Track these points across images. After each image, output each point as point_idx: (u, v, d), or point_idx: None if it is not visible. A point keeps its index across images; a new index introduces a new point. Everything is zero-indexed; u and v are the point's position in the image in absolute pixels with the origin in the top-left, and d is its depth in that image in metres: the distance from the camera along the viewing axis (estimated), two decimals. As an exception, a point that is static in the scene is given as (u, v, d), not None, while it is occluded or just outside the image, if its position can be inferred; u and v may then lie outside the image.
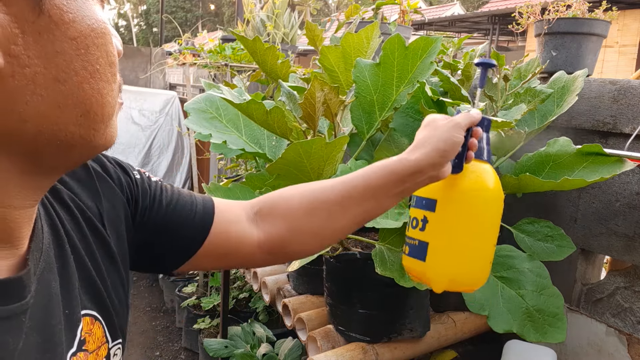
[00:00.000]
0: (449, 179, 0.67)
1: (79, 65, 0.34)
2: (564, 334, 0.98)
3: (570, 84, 1.11)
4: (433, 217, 0.68)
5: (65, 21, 0.33)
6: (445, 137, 0.63)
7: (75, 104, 0.34)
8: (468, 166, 0.68)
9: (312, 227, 0.64)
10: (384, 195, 0.63)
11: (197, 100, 1.12)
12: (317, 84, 0.89)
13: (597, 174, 0.93)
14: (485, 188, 0.68)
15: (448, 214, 0.67)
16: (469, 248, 0.67)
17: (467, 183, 0.67)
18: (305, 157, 0.82)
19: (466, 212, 0.67)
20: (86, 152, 0.39)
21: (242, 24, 3.04)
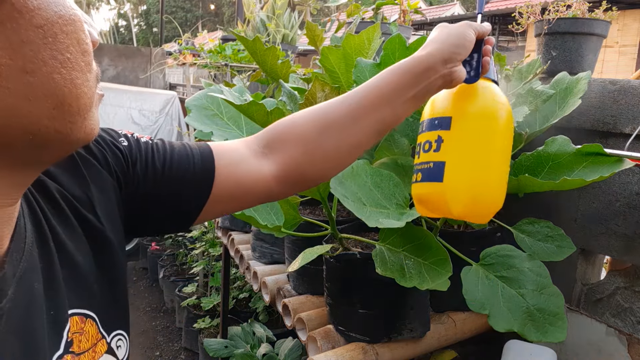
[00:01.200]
0: (462, 94, 0.66)
1: (47, 55, 0.32)
2: (565, 333, 0.98)
3: (573, 85, 1.11)
4: (448, 135, 0.65)
5: (30, 8, 0.31)
6: (457, 32, 0.62)
7: (46, 95, 0.33)
8: (480, 82, 0.67)
9: (328, 146, 0.61)
10: (398, 99, 0.61)
11: (198, 97, 1.13)
12: (318, 85, 0.89)
13: (597, 174, 0.93)
14: (498, 104, 0.66)
15: (465, 130, 0.65)
16: (488, 164, 0.65)
17: (483, 98, 0.66)
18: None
19: (484, 128, 0.65)
20: (65, 147, 0.37)
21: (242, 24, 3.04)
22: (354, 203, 0.87)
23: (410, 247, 0.96)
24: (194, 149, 0.60)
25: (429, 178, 0.67)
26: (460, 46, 0.62)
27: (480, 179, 0.65)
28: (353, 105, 0.61)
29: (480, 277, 1.04)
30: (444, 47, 0.61)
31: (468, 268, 1.05)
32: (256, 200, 0.64)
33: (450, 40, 0.62)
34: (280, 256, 1.53)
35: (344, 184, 0.89)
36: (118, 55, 6.51)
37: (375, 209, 0.90)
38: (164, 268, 3.92)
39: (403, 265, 0.94)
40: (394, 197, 0.97)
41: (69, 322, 0.43)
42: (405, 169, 1.14)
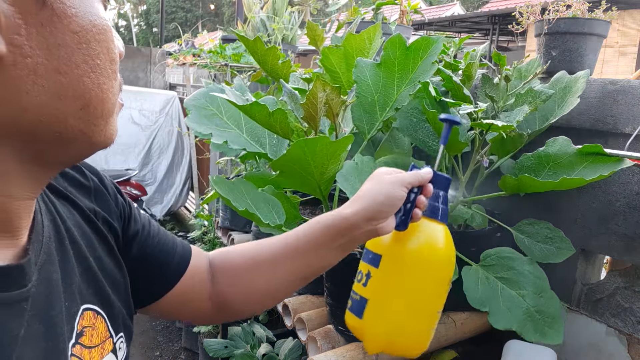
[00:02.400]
0: (396, 235, 0.65)
1: (79, 59, 0.35)
2: (561, 337, 0.98)
3: (572, 84, 1.11)
4: (376, 273, 0.65)
5: (68, 15, 0.33)
6: (385, 191, 0.62)
7: (75, 96, 0.35)
8: (417, 225, 0.65)
9: (257, 285, 0.64)
10: (324, 249, 0.63)
11: (196, 97, 1.12)
12: (319, 85, 0.89)
13: (597, 173, 0.93)
14: (431, 250, 0.64)
15: (390, 272, 0.64)
16: (409, 311, 0.64)
17: (413, 242, 0.64)
18: (309, 155, 0.82)
19: (408, 273, 0.64)
20: (85, 148, 0.39)
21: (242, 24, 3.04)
22: None
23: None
24: (177, 240, 0.64)
25: (353, 310, 0.67)
26: (387, 205, 0.62)
27: (398, 326, 0.64)
28: (279, 250, 0.63)
29: (481, 277, 1.04)
30: (370, 206, 0.62)
31: (468, 268, 1.05)
32: (194, 314, 0.66)
33: (378, 199, 0.62)
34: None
35: (349, 180, 0.89)
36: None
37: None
38: (164, 268, 3.91)
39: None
40: (395, 197, 0.97)
41: (79, 314, 0.45)
42: (406, 169, 1.14)
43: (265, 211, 0.96)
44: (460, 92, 1.08)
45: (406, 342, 0.65)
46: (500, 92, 1.15)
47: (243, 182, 1.00)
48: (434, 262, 0.64)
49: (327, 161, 0.86)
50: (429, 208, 0.66)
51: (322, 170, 0.87)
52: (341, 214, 0.63)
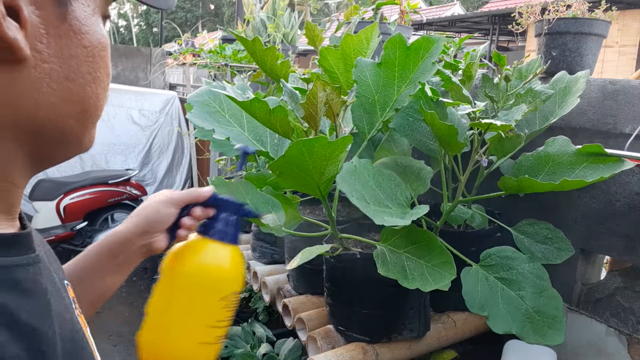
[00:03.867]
0: (173, 254, 0.68)
1: (85, 70, 0.40)
2: (563, 336, 0.98)
3: (572, 84, 1.11)
4: (154, 289, 0.68)
5: (82, 32, 0.39)
6: (155, 208, 0.68)
7: (78, 101, 0.41)
8: (190, 243, 0.68)
9: None
10: (103, 272, 0.67)
11: (200, 93, 1.12)
12: (319, 84, 0.89)
13: (597, 174, 0.93)
14: (194, 269, 0.66)
15: (162, 288, 0.67)
16: (174, 325, 0.66)
17: (180, 260, 0.67)
18: (307, 156, 0.82)
19: (173, 289, 0.67)
20: (75, 149, 0.44)
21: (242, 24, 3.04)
22: (359, 201, 0.87)
23: (412, 249, 0.96)
24: None
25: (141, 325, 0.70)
26: (155, 221, 0.68)
27: (165, 337, 0.67)
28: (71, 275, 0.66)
29: (480, 278, 1.04)
30: (141, 222, 0.68)
31: (468, 269, 1.05)
32: None
33: (148, 216, 0.68)
34: (280, 256, 1.53)
35: (348, 182, 0.89)
36: (118, 55, 6.51)
37: (378, 208, 0.90)
38: (164, 268, 3.91)
39: (405, 266, 0.94)
40: (396, 197, 0.97)
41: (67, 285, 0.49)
42: (406, 169, 1.14)
43: (265, 212, 0.96)
44: (459, 92, 1.08)
45: (174, 354, 0.67)
46: (500, 92, 1.15)
47: (243, 182, 1.00)
48: (197, 279, 0.67)
49: (326, 162, 0.86)
50: (208, 228, 0.69)
51: (321, 170, 0.87)
52: (114, 230, 0.69)
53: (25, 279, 0.39)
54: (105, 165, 4.84)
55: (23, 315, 0.36)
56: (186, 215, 0.71)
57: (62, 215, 4.16)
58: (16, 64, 0.36)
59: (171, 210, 0.69)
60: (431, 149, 1.12)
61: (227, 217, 0.71)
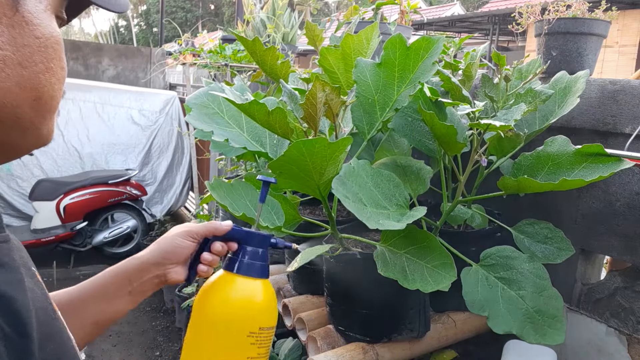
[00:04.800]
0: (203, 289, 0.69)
1: (38, 59, 0.43)
2: (563, 336, 0.98)
3: (572, 84, 1.11)
4: (189, 326, 0.69)
5: (34, 23, 0.43)
6: (172, 239, 0.69)
7: (31, 88, 0.43)
8: (218, 280, 0.69)
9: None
10: (114, 295, 0.68)
11: (198, 95, 1.12)
12: (319, 85, 0.89)
13: (596, 174, 0.93)
14: (218, 306, 0.67)
15: (193, 324, 0.69)
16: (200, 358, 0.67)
17: (205, 299, 0.68)
18: (308, 156, 0.82)
19: (202, 327, 0.68)
20: (34, 139, 0.46)
21: (242, 24, 3.04)
22: (355, 204, 0.87)
23: (412, 250, 0.96)
24: None
25: None
26: (171, 252, 0.69)
27: None
28: (73, 296, 0.68)
29: (480, 278, 1.04)
30: (156, 254, 0.69)
31: (468, 269, 1.05)
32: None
33: (162, 246, 0.69)
34: (280, 256, 1.53)
35: (346, 184, 0.89)
36: (118, 55, 6.51)
37: (375, 210, 0.90)
38: (164, 268, 3.91)
39: (405, 267, 0.94)
40: (395, 198, 0.96)
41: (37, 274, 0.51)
42: (405, 169, 1.14)
43: (265, 213, 0.96)
44: (459, 92, 1.08)
45: None
46: (500, 92, 1.15)
47: (242, 183, 1.00)
48: (221, 316, 0.67)
49: (326, 162, 0.85)
50: (232, 263, 0.69)
51: (321, 171, 0.87)
52: (133, 256, 0.70)
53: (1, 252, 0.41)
54: (105, 165, 4.84)
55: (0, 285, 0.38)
56: (207, 250, 0.71)
57: (62, 215, 4.17)
58: None
59: (187, 242, 0.70)
60: (430, 149, 1.12)
61: (251, 250, 0.70)
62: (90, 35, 20.46)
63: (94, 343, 3.27)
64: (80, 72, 6.21)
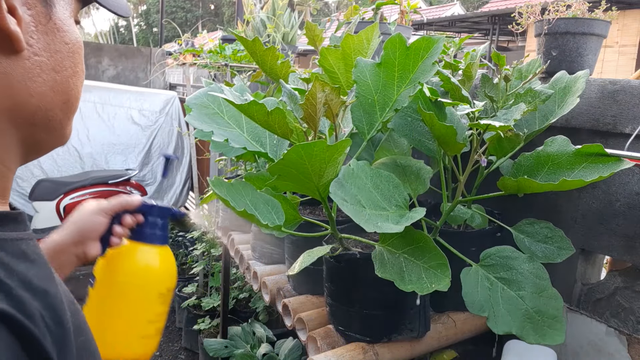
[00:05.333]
0: (107, 259, 0.74)
1: (68, 64, 0.46)
2: (563, 336, 0.98)
3: (572, 84, 1.11)
4: (90, 292, 0.74)
5: (64, 30, 0.45)
6: (85, 218, 0.73)
7: (62, 92, 0.46)
8: (125, 249, 0.75)
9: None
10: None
11: (198, 95, 1.12)
12: (319, 85, 0.89)
13: (596, 174, 0.93)
14: (128, 273, 0.73)
15: (100, 292, 0.74)
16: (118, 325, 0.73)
17: (113, 266, 0.73)
18: (306, 159, 0.82)
19: (111, 293, 0.73)
20: (57, 138, 0.50)
21: (242, 24, 3.04)
22: (353, 207, 0.87)
23: (409, 250, 0.96)
24: None
25: None
26: (88, 230, 0.73)
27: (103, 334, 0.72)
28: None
29: (480, 278, 1.04)
30: (72, 234, 0.72)
31: (468, 269, 1.05)
32: None
33: (79, 225, 0.73)
34: (281, 256, 1.53)
35: (344, 186, 0.89)
36: (118, 55, 6.51)
37: (374, 212, 0.90)
38: (164, 268, 3.91)
39: (402, 267, 0.94)
40: (394, 199, 0.96)
41: None
42: (405, 169, 1.14)
43: (265, 212, 0.96)
44: (459, 92, 1.08)
45: (115, 348, 0.74)
46: (499, 92, 1.15)
47: (242, 183, 1.00)
48: (132, 281, 0.73)
49: (325, 165, 0.85)
50: (137, 233, 0.76)
51: (320, 173, 0.87)
52: (50, 239, 0.73)
53: (30, 250, 0.43)
54: (105, 165, 4.84)
55: (34, 280, 0.40)
56: (117, 224, 0.76)
57: (62, 215, 4.16)
58: (14, 55, 0.41)
59: (101, 219, 0.75)
60: (430, 149, 1.12)
61: (153, 221, 0.77)
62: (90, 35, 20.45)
63: (94, 343, 3.27)
64: (80, 72, 6.20)
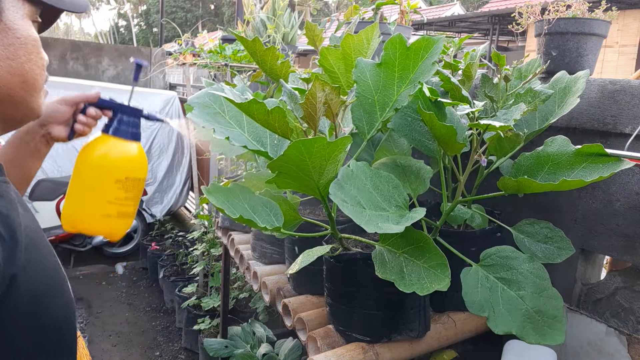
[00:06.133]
0: (83, 148, 0.90)
1: (21, 53, 0.62)
2: (563, 336, 0.98)
3: (572, 84, 1.11)
4: (72, 175, 0.90)
5: (14, 28, 0.62)
6: (49, 106, 0.89)
7: (19, 74, 0.62)
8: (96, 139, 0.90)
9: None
10: (22, 155, 0.90)
11: (200, 95, 1.12)
12: (318, 84, 0.89)
13: (596, 174, 0.93)
14: (94, 157, 0.88)
15: (75, 175, 0.89)
16: (83, 202, 0.89)
17: (85, 152, 0.89)
18: (307, 156, 0.82)
19: (78, 171, 0.89)
20: (27, 111, 0.66)
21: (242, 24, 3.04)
22: (353, 207, 0.87)
23: (410, 249, 0.96)
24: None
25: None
26: (49, 115, 0.89)
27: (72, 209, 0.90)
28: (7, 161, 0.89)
29: (480, 278, 1.04)
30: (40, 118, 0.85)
31: (468, 269, 1.05)
32: None
33: (47, 112, 0.88)
34: (281, 256, 1.53)
35: (344, 187, 0.89)
36: (118, 55, 6.51)
37: (374, 212, 0.90)
38: (164, 268, 3.92)
39: (403, 267, 0.93)
40: (394, 199, 0.96)
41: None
42: (405, 169, 1.14)
43: (264, 214, 0.96)
44: (459, 92, 1.08)
45: (83, 224, 0.91)
46: (499, 92, 1.15)
47: (239, 186, 1.00)
48: (97, 164, 0.88)
49: (325, 162, 0.85)
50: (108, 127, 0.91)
51: (320, 171, 0.87)
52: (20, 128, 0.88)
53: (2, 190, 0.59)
54: (105, 165, 4.83)
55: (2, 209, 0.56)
56: (82, 113, 0.92)
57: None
58: None
59: (64, 107, 0.90)
60: (430, 148, 1.12)
61: (124, 118, 0.92)
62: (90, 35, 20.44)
63: (93, 343, 3.27)
64: (80, 72, 6.21)
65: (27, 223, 0.60)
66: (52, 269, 0.65)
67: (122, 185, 0.88)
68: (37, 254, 0.61)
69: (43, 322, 0.60)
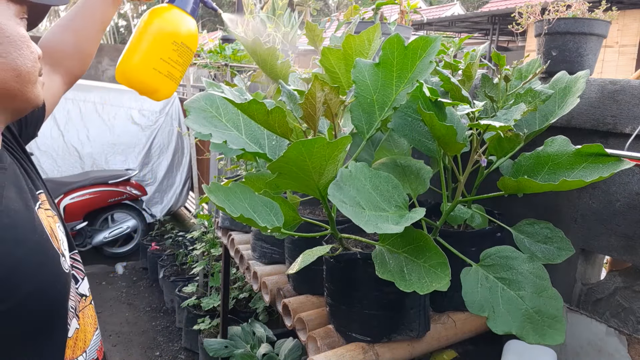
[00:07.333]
0: (149, 13, 1.02)
1: (11, 49, 0.67)
2: (563, 336, 0.98)
3: (572, 84, 1.11)
4: (133, 34, 1.02)
5: (3, 28, 0.66)
6: None
7: (12, 69, 0.67)
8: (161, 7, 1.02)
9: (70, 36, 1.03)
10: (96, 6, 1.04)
11: (196, 99, 1.12)
12: (318, 84, 0.89)
13: (596, 174, 0.93)
14: (157, 19, 1.01)
15: (137, 33, 1.01)
16: (138, 55, 1.00)
17: (149, 16, 1.01)
18: (307, 156, 0.82)
19: (143, 33, 1.01)
20: (24, 102, 0.71)
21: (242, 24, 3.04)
22: (352, 208, 0.87)
23: (409, 249, 0.96)
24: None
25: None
26: None
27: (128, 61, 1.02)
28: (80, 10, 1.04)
29: (480, 278, 1.04)
30: None
31: (468, 269, 1.05)
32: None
33: None
34: (281, 256, 1.53)
35: (343, 188, 0.89)
36: (118, 55, 6.51)
37: (374, 213, 0.90)
38: (164, 268, 3.92)
39: (403, 267, 0.93)
40: (393, 199, 0.96)
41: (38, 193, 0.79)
42: (405, 169, 1.14)
43: (264, 214, 0.96)
44: (459, 92, 1.08)
45: (134, 74, 1.01)
46: (499, 92, 1.15)
47: (240, 186, 1.00)
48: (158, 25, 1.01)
49: (325, 162, 0.85)
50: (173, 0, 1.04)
51: (320, 171, 0.87)
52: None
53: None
54: (105, 165, 4.84)
55: None
56: None
57: (63, 215, 4.16)
58: None
59: None
60: (430, 148, 1.12)
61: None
62: (90, 35, 20.39)
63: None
64: (80, 72, 6.21)
65: (12, 205, 0.67)
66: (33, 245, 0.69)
67: (177, 47, 1.01)
68: (14, 232, 0.66)
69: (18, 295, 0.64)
